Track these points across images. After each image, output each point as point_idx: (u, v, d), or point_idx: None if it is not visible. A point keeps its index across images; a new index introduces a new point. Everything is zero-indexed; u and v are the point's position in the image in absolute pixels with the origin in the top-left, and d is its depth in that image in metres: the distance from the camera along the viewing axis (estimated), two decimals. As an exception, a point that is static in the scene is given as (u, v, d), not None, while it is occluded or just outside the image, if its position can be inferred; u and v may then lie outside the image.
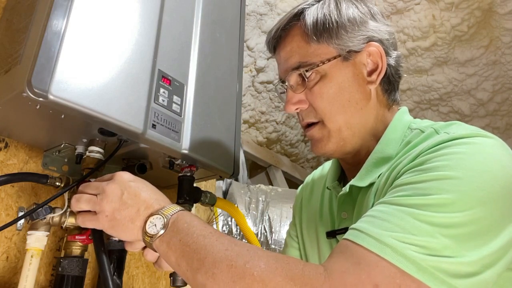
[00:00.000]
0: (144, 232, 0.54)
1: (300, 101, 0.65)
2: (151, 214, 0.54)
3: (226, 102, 0.94)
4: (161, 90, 0.75)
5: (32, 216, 0.69)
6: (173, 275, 0.75)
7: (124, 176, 0.59)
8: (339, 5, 0.64)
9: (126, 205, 0.56)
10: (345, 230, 0.64)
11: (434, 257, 0.42)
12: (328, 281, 0.41)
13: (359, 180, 0.62)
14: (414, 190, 0.47)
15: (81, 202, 0.59)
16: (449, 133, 0.54)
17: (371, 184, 0.61)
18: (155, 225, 0.53)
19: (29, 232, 0.73)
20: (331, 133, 0.63)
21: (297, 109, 0.65)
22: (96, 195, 0.59)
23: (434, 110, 2.73)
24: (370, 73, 0.64)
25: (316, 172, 0.85)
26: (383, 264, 0.41)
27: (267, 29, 2.06)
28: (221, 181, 2.06)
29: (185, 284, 0.76)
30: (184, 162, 0.83)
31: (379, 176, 0.60)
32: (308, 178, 0.87)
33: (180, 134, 0.77)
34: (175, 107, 0.77)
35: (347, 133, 0.63)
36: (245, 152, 2.44)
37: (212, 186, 1.45)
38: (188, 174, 0.84)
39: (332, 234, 0.67)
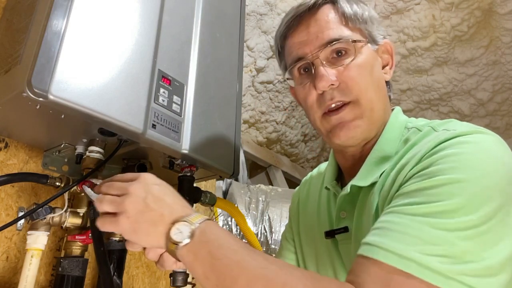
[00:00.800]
0: (168, 239, 0.49)
1: (333, 79, 0.62)
2: (176, 220, 0.50)
3: (226, 102, 0.94)
4: (161, 90, 0.75)
5: (32, 216, 0.69)
6: (173, 275, 0.75)
7: (149, 178, 0.55)
8: (364, 3, 0.69)
9: (149, 207, 0.51)
10: (344, 229, 0.64)
11: (457, 266, 0.42)
12: None
13: (360, 180, 0.62)
14: (425, 196, 0.47)
15: (104, 203, 0.54)
16: (449, 129, 0.55)
17: (373, 184, 0.60)
18: (181, 232, 0.49)
19: (29, 232, 0.73)
20: (365, 112, 0.62)
21: (331, 85, 0.62)
22: (119, 196, 0.54)
23: (434, 110, 2.73)
24: (383, 67, 0.68)
25: (313, 173, 0.85)
26: (413, 282, 0.41)
27: (267, 29, 2.06)
28: (221, 181, 2.06)
29: (186, 284, 0.76)
30: (184, 162, 0.83)
31: (381, 175, 0.60)
32: (305, 180, 0.87)
33: (180, 134, 0.77)
34: (175, 107, 0.77)
35: (376, 116, 0.63)
36: (245, 152, 2.44)
37: (212, 186, 1.45)
38: (188, 174, 0.84)
39: (330, 234, 0.67)
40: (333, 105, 0.62)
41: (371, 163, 0.62)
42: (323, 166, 0.82)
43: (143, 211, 0.51)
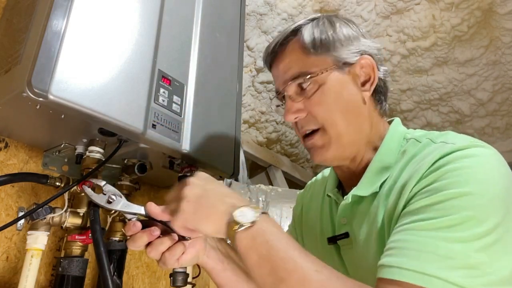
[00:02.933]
0: (231, 220, 0.50)
1: (299, 110, 0.67)
2: (239, 206, 0.51)
3: (226, 102, 0.94)
4: (161, 90, 0.75)
5: (32, 216, 0.69)
6: (173, 275, 0.75)
7: (202, 175, 0.58)
8: (332, 23, 0.69)
9: (209, 192, 0.54)
10: (345, 235, 0.66)
11: (477, 279, 0.43)
12: None
13: (361, 190, 0.64)
14: (434, 212, 0.48)
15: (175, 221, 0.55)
16: (447, 142, 0.56)
17: (374, 193, 0.63)
18: (245, 215, 0.50)
19: (29, 232, 0.73)
20: (332, 139, 0.65)
21: (296, 118, 0.67)
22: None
23: (434, 110, 2.73)
24: (363, 84, 0.67)
25: (318, 178, 0.87)
26: None
27: (267, 29, 2.06)
28: (221, 181, 2.06)
29: (186, 284, 0.76)
30: (184, 162, 0.83)
31: (381, 185, 0.62)
32: (310, 183, 0.89)
33: (180, 134, 0.77)
34: (175, 107, 0.77)
35: (346, 140, 0.65)
36: (245, 152, 2.44)
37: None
38: (188, 174, 0.84)
39: (333, 240, 0.69)
40: (306, 132, 0.67)
41: (371, 174, 0.64)
42: (326, 171, 0.84)
43: (203, 195, 0.53)
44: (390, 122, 0.73)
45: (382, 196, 0.61)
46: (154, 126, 0.72)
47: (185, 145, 0.78)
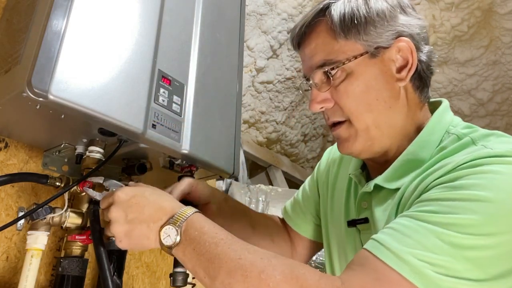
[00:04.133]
0: (161, 245, 0.54)
1: (325, 100, 0.62)
2: (162, 226, 0.54)
3: (226, 102, 0.94)
4: (161, 90, 0.75)
5: (32, 216, 0.69)
6: (173, 275, 0.75)
7: (121, 197, 0.58)
8: (362, 1, 0.61)
9: (134, 224, 0.56)
10: (364, 220, 0.64)
11: (453, 279, 0.41)
12: None
13: (385, 181, 0.61)
14: (441, 207, 0.46)
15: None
16: (487, 147, 0.52)
17: (397, 189, 0.59)
18: (169, 235, 0.53)
19: (29, 232, 0.73)
20: (359, 132, 0.61)
21: (322, 108, 0.63)
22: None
23: (434, 110, 2.73)
24: (399, 70, 0.61)
25: None
26: (403, 283, 0.41)
27: (267, 29, 2.06)
28: (221, 181, 2.06)
29: (185, 284, 0.76)
30: (184, 162, 0.83)
31: (408, 182, 0.57)
32: (336, 153, 0.82)
33: (180, 134, 0.77)
34: (175, 107, 0.77)
35: (375, 133, 0.61)
36: (245, 152, 2.44)
37: (212, 186, 1.45)
38: (188, 174, 0.84)
39: (352, 223, 0.66)
40: (333, 122, 0.64)
41: (400, 165, 0.60)
42: None
43: (130, 230, 0.56)
44: (435, 105, 0.65)
45: (403, 189, 0.57)
46: (154, 126, 0.72)
47: (185, 145, 0.78)
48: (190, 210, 0.56)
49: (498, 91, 2.53)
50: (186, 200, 0.72)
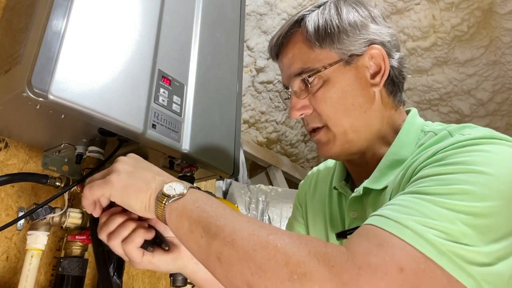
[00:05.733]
0: (161, 193, 0.51)
1: (304, 107, 0.65)
2: (167, 182, 0.52)
3: (226, 102, 0.94)
4: (161, 90, 0.75)
5: (32, 216, 0.69)
6: (173, 275, 0.75)
7: (130, 156, 0.58)
8: (339, 10, 0.65)
9: (139, 169, 0.54)
10: (355, 229, 0.63)
11: (452, 243, 0.41)
12: (352, 259, 0.40)
13: (373, 183, 0.62)
14: (434, 181, 0.47)
15: (93, 187, 0.55)
16: (464, 134, 0.54)
17: (385, 187, 0.61)
18: (174, 189, 0.51)
19: (29, 232, 0.73)
20: (336, 136, 0.64)
21: (301, 114, 0.66)
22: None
23: (434, 110, 2.73)
24: (373, 76, 0.64)
25: (319, 168, 0.84)
26: (407, 248, 0.41)
27: (267, 29, 2.06)
28: (221, 181, 2.06)
29: (185, 284, 0.76)
30: (184, 162, 0.83)
31: (393, 179, 0.60)
32: (311, 173, 0.86)
33: (180, 134, 0.77)
34: (175, 107, 0.77)
35: (352, 136, 0.63)
36: (245, 152, 2.44)
37: (212, 186, 1.45)
38: (188, 174, 0.84)
39: (342, 235, 0.67)
40: (313, 128, 0.66)
41: (385, 167, 0.62)
42: (330, 162, 0.82)
43: (133, 171, 0.53)
44: (407, 112, 0.69)
45: (394, 186, 0.58)
46: (154, 126, 0.72)
47: (185, 145, 0.78)
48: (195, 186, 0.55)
49: (498, 91, 2.53)
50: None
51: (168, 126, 0.75)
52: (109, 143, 0.76)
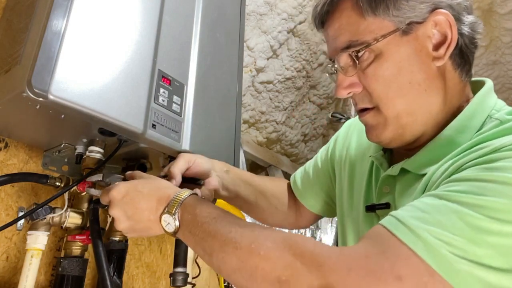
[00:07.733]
0: (166, 232, 0.57)
1: (353, 85, 0.56)
2: (161, 215, 0.57)
3: (226, 102, 0.94)
4: (161, 90, 0.75)
5: (32, 216, 0.69)
6: (173, 275, 0.75)
7: (116, 196, 0.60)
8: None
9: (135, 220, 0.59)
10: (385, 205, 0.58)
11: (470, 262, 0.38)
12: (344, 260, 0.39)
13: (413, 165, 0.56)
14: (471, 187, 0.42)
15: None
16: None
17: (424, 174, 0.54)
18: (169, 223, 0.56)
19: (29, 232, 0.73)
20: (388, 120, 0.55)
21: (349, 93, 0.57)
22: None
23: (434, 110, 2.74)
24: (437, 47, 0.54)
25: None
26: (413, 259, 0.38)
27: (267, 29, 2.06)
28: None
29: (185, 284, 0.76)
30: (184, 162, 0.83)
31: (437, 168, 0.52)
32: (357, 125, 0.74)
33: (180, 134, 0.77)
34: (175, 107, 0.77)
35: (407, 120, 0.54)
36: (245, 152, 2.44)
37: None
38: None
39: (371, 208, 0.61)
40: (361, 108, 0.59)
41: (431, 150, 0.54)
42: None
43: (133, 225, 0.59)
44: (476, 85, 0.58)
45: (434, 176, 0.51)
46: (154, 126, 0.72)
47: (185, 145, 0.78)
48: (184, 193, 0.57)
49: (498, 91, 2.53)
50: (186, 177, 0.72)
51: (168, 126, 0.75)
52: (109, 143, 0.76)
